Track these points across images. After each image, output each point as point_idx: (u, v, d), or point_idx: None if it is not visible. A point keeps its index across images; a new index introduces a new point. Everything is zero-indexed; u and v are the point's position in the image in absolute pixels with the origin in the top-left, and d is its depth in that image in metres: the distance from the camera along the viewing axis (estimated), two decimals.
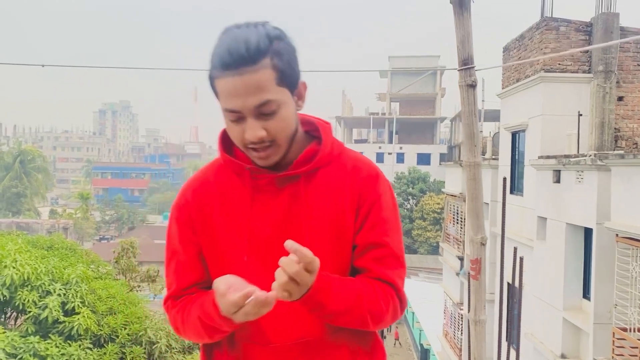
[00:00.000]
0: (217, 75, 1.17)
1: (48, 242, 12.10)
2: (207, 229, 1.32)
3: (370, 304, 1.24)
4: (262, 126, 1.18)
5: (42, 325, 9.20)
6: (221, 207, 1.31)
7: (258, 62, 1.14)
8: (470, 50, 2.60)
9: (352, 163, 1.32)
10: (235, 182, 1.31)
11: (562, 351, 9.69)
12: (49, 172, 69.00)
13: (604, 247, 8.54)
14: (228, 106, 1.18)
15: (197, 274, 1.35)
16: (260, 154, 1.22)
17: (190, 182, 1.38)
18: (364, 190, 1.30)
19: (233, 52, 1.14)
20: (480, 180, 2.78)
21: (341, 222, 1.28)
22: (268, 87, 1.16)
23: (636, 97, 11.04)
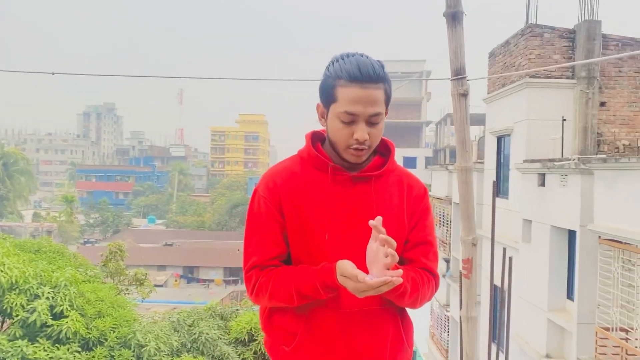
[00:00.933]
0: (343, 85, 1.51)
1: (35, 246, 12.01)
2: (293, 211, 1.58)
3: (423, 288, 1.59)
4: (368, 132, 1.53)
5: (30, 329, 9.14)
6: (306, 194, 1.58)
7: (379, 83, 1.52)
8: (462, 61, 2.72)
9: (407, 178, 1.70)
10: (317, 175, 1.60)
11: (547, 351, 9.88)
12: (32, 174, 68.14)
13: (587, 248, 8.72)
14: (349, 109, 1.50)
15: (280, 248, 1.60)
16: (358, 152, 1.54)
17: (276, 170, 1.65)
18: (416, 202, 1.67)
19: (363, 71, 1.50)
20: (471, 184, 2.92)
21: (398, 219, 1.62)
22: (380, 104, 1.53)
23: (618, 102, 11.30)
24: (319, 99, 1.62)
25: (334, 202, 1.57)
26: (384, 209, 1.59)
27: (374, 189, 1.60)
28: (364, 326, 1.59)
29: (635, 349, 7.41)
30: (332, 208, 1.57)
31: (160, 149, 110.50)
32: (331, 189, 1.58)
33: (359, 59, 1.53)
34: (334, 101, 1.54)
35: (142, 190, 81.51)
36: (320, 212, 1.57)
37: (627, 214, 7.60)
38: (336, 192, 1.58)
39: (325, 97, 1.57)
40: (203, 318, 12.95)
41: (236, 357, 12.18)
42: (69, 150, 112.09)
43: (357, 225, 1.56)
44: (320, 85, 1.60)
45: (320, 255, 1.56)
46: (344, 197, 1.58)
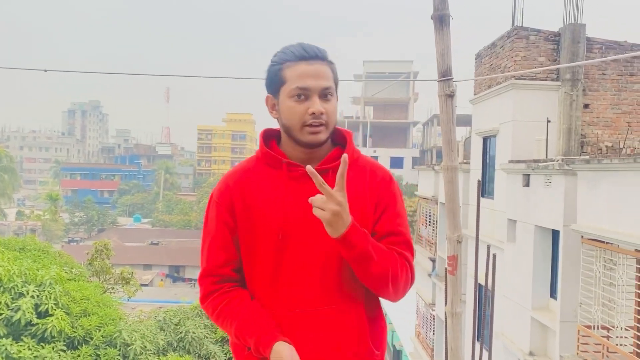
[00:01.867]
0: (290, 65, 1.50)
1: (20, 244, 11.91)
2: (246, 213, 1.54)
3: (393, 264, 1.50)
4: (323, 107, 1.49)
5: (15, 328, 9.06)
6: (259, 194, 1.54)
7: (325, 61, 1.52)
8: (449, 63, 2.78)
9: (370, 166, 1.62)
10: (272, 173, 1.55)
11: (531, 349, 10.01)
12: (16, 172, 67.25)
13: (570, 248, 8.86)
14: (300, 84, 1.48)
15: (228, 254, 1.57)
16: (314, 129, 1.49)
17: (231, 172, 1.63)
18: (381, 190, 1.59)
19: (308, 50, 1.51)
20: (457, 183, 2.98)
21: (362, 211, 1.54)
22: (330, 78, 1.52)
23: (601, 104, 11.49)
24: (267, 91, 1.59)
25: (290, 199, 1.51)
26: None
27: (332, 182, 1.47)
28: (324, 326, 1.52)
29: (616, 346, 7.55)
30: (287, 205, 1.51)
31: (146, 147, 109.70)
32: (286, 186, 1.52)
33: (302, 43, 1.53)
34: (283, 83, 1.51)
35: (127, 189, 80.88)
36: (275, 211, 1.51)
37: (609, 214, 7.74)
38: (291, 189, 1.52)
39: (274, 84, 1.54)
40: (189, 317, 12.93)
41: (222, 356, 12.18)
42: (53, 148, 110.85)
43: (315, 222, 1.44)
44: (267, 76, 1.57)
45: (275, 256, 1.51)
46: (300, 194, 1.50)
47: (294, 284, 1.52)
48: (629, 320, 7.47)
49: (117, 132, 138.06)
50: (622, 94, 11.52)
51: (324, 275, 1.49)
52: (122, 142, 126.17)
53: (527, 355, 9.98)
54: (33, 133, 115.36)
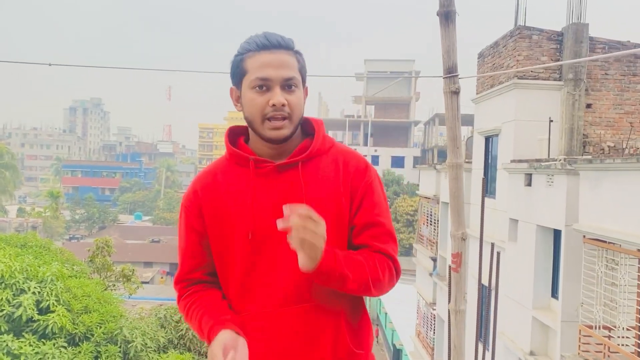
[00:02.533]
0: (251, 54, 1.43)
1: (21, 240, 11.92)
2: (215, 215, 1.49)
3: (372, 271, 1.42)
4: (285, 98, 1.41)
5: (16, 324, 9.07)
6: (227, 194, 1.49)
7: (289, 50, 1.44)
8: (454, 59, 2.77)
9: (342, 155, 1.53)
10: (239, 172, 1.50)
11: (531, 348, 10.00)
12: (17, 169, 67.34)
13: (572, 248, 8.85)
14: (260, 75, 1.41)
15: (196, 260, 1.54)
16: (276, 123, 1.42)
17: (199, 175, 1.57)
18: (355, 179, 1.50)
19: (271, 39, 1.43)
20: (461, 180, 2.97)
21: (337, 205, 1.47)
22: (294, 68, 1.44)
23: (603, 104, 11.47)
24: (232, 83, 1.51)
25: (258, 196, 1.45)
26: (316, 195, 1.45)
27: (302, 175, 1.45)
28: (298, 324, 1.45)
29: (617, 346, 7.55)
30: (257, 203, 1.45)
31: (148, 145, 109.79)
32: (254, 184, 1.46)
33: (266, 32, 1.46)
34: (245, 74, 1.44)
35: (128, 187, 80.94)
36: (244, 210, 1.45)
37: (611, 213, 7.73)
38: (260, 186, 1.46)
39: (236, 75, 1.47)
40: None
41: None
42: (54, 145, 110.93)
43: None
44: (230, 67, 1.49)
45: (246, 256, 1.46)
46: (268, 190, 1.45)
47: (266, 282, 1.46)
48: (630, 321, 7.47)
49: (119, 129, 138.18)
50: (625, 94, 11.50)
51: (296, 272, 1.37)
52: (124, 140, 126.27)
53: (528, 355, 9.97)
54: (34, 130, 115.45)
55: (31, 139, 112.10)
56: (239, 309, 1.49)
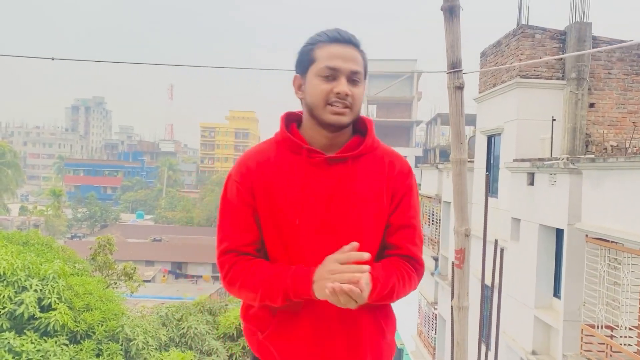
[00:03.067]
0: (322, 45, 1.50)
1: (24, 238, 11.92)
2: (265, 196, 1.53)
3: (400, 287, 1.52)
4: (349, 88, 1.48)
5: (18, 321, 9.08)
6: (279, 178, 1.53)
7: (358, 47, 1.52)
8: (458, 54, 2.76)
9: (388, 156, 1.61)
10: (292, 158, 1.54)
11: (533, 348, 9.99)
12: (20, 168, 67.44)
13: (574, 247, 8.83)
14: (330, 64, 1.47)
15: (253, 234, 1.56)
16: (338, 109, 1.48)
17: (250, 154, 1.60)
18: (398, 181, 1.59)
19: (342, 34, 1.51)
20: (465, 176, 2.95)
21: (378, 201, 1.55)
22: (360, 65, 1.51)
23: (606, 104, 11.44)
24: (296, 71, 1.57)
25: (308, 185, 1.51)
26: (362, 191, 1.53)
27: (352, 171, 1.52)
28: (337, 316, 1.53)
29: (620, 346, 7.52)
30: (306, 192, 1.51)
31: (150, 144, 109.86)
32: (305, 172, 1.51)
33: (338, 28, 1.54)
34: (313, 62, 1.50)
35: (130, 185, 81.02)
36: (293, 196, 1.51)
37: (613, 213, 7.71)
38: (310, 174, 1.51)
39: (303, 63, 1.53)
40: (192, 313, 12.94)
41: (224, 352, 12.19)
42: (57, 143, 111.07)
43: (332, 209, 1.50)
44: (297, 56, 1.56)
45: (291, 241, 1.52)
46: (318, 180, 1.51)
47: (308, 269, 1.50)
48: (633, 320, 7.44)
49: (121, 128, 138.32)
50: (628, 93, 11.47)
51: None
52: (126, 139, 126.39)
53: (530, 354, 9.95)
54: (37, 129, 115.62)
55: (33, 138, 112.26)
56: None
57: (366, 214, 1.51)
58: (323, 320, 1.54)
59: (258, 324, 1.60)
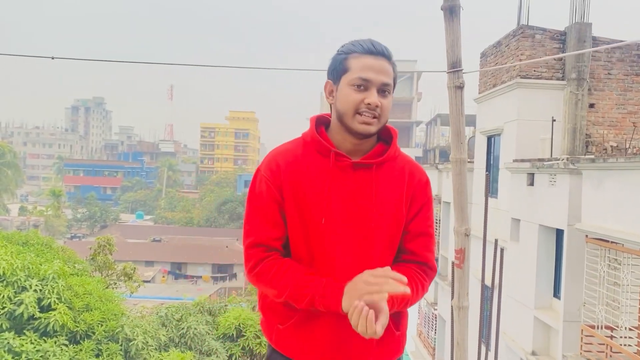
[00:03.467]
0: (356, 56, 1.57)
1: (23, 238, 11.91)
2: (293, 194, 1.60)
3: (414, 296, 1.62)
4: (379, 100, 1.56)
5: (17, 321, 9.07)
6: (307, 178, 1.61)
7: (390, 60, 1.60)
8: (459, 54, 2.76)
9: (409, 165, 1.70)
10: (320, 160, 1.62)
11: (533, 348, 9.98)
12: (19, 168, 67.41)
13: (574, 247, 8.83)
14: (363, 75, 1.55)
15: (280, 230, 1.63)
16: (367, 119, 1.56)
17: (280, 152, 1.67)
18: (417, 190, 1.68)
19: (377, 46, 1.58)
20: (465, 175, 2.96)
21: (397, 207, 1.64)
22: (390, 77, 1.59)
23: (606, 104, 11.44)
24: (328, 77, 1.65)
25: (334, 187, 1.59)
26: (384, 197, 1.61)
27: (375, 177, 1.61)
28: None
29: (620, 346, 7.52)
30: (332, 193, 1.59)
31: (149, 144, 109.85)
32: (332, 175, 1.59)
33: (372, 39, 1.62)
34: (346, 72, 1.58)
35: (130, 186, 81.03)
36: (320, 197, 1.58)
37: (613, 213, 7.71)
38: (337, 177, 1.59)
39: (336, 71, 1.61)
40: (191, 313, 12.93)
41: (224, 353, 12.18)
42: (56, 144, 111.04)
43: (355, 212, 1.58)
44: (331, 63, 1.64)
45: (316, 240, 1.59)
46: (344, 183, 1.59)
47: (332, 267, 1.59)
48: (633, 320, 7.44)
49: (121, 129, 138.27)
50: (628, 93, 11.47)
51: (359, 262, 1.57)
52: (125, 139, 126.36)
53: (530, 355, 9.95)
54: (36, 129, 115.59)
55: (33, 138, 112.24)
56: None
57: (386, 218, 1.60)
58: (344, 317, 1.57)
59: (278, 316, 1.66)
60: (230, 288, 36.81)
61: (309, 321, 1.62)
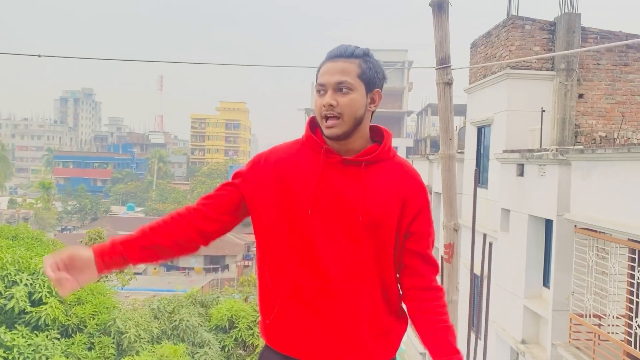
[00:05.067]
0: (322, 64, 1.65)
1: (13, 232, 11.84)
2: (281, 185, 1.65)
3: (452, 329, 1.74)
4: (335, 98, 1.60)
5: (8, 316, 9.05)
6: (297, 171, 1.66)
7: (351, 58, 1.62)
8: (447, 50, 2.75)
9: (402, 167, 1.72)
10: (312, 156, 1.67)
11: (523, 337, 10.10)
12: (8, 160, 66.74)
13: (563, 237, 8.91)
14: (319, 80, 1.63)
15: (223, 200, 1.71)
16: (328, 122, 1.61)
17: (276, 147, 1.75)
18: (412, 191, 1.70)
19: (336, 50, 1.64)
20: (454, 171, 2.97)
21: (388, 208, 1.65)
22: (348, 74, 1.60)
23: (595, 94, 11.51)
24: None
25: (323, 181, 1.62)
26: (372, 195, 1.63)
27: (364, 174, 1.64)
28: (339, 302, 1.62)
29: (607, 334, 7.63)
30: (320, 186, 1.62)
31: (139, 135, 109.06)
32: (321, 169, 1.64)
33: (341, 45, 1.66)
34: (316, 81, 1.67)
35: (120, 178, 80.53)
36: (308, 188, 1.62)
37: (601, 203, 7.78)
38: (326, 172, 1.64)
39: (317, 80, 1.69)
40: (183, 305, 12.94)
41: (217, 344, 12.22)
42: (45, 136, 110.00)
43: (342, 206, 1.61)
44: None
45: (301, 230, 1.62)
46: (333, 178, 1.63)
47: (315, 258, 1.62)
48: (620, 309, 7.55)
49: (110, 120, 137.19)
50: (617, 84, 11.54)
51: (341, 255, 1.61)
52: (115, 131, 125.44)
53: (519, 344, 10.07)
54: (25, 121, 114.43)
55: (22, 130, 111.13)
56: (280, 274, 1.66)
57: (374, 214, 1.62)
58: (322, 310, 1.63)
59: (263, 311, 1.72)
60: (222, 279, 36.82)
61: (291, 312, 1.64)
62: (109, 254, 1.61)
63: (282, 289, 1.65)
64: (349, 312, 1.64)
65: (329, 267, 1.61)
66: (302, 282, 1.63)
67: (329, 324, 1.63)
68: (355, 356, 1.66)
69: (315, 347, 1.64)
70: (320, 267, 1.61)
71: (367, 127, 1.70)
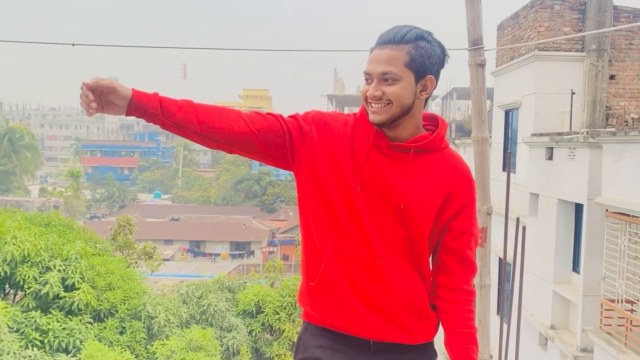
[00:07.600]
0: (372, 48, 1.61)
1: (45, 219, 12.13)
2: (331, 154, 1.64)
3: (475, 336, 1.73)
4: (381, 89, 1.57)
5: (43, 301, 9.31)
6: (347, 146, 1.65)
7: (400, 44, 1.56)
8: (480, 31, 2.71)
9: (453, 159, 1.69)
10: (362, 135, 1.65)
11: (552, 322, 9.99)
12: (38, 150, 68.30)
13: (594, 222, 8.75)
14: (366, 69, 1.60)
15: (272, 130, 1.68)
16: (374, 109, 1.59)
17: (333, 115, 1.73)
18: (459, 184, 1.67)
19: (386, 33, 1.58)
20: (487, 154, 2.94)
21: (431, 199, 1.64)
22: (394, 63, 1.55)
23: (627, 75, 11.19)
24: None
25: (369, 162, 1.62)
26: (417, 183, 1.62)
27: (412, 160, 1.62)
28: (385, 278, 1.63)
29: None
30: (367, 167, 1.62)
31: None
32: (369, 149, 1.63)
33: (393, 27, 1.61)
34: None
35: (147, 166, 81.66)
36: (355, 167, 1.62)
37: (634, 187, 7.61)
38: (373, 154, 1.63)
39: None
40: (211, 290, 13.14)
41: (244, 329, 12.39)
42: (73, 125, 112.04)
43: (384, 192, 1.61)
44: None
45: (351, 202, 1.62)
46: (379, 162, 1.62)
47: (361, 231, 1.62)
48: None
49: None
50: None
51: (386, 235, 1.61)
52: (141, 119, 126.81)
53: (548, 329, 9.97)
54: (53, 111, 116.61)
55: (50, 120, 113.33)
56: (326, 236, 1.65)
57: (414, 202, 1.61)
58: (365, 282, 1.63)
59: (308, 273, 1.71)
60: (248, 265, 37.22)
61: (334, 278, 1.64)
62: (145, 100, 1.66)
63: (328, 253, 1.65)
64: (392, 289, 1.64)
65: (374, 243, 1.62)
66: (348, 251, 1.63)
67: (371, 298, 1.63)
68: (397, 334, 1.66)
69: (356, 320, 1.64)
70: (365, 241, 1.61)
71: (419, 114, 1.66)
